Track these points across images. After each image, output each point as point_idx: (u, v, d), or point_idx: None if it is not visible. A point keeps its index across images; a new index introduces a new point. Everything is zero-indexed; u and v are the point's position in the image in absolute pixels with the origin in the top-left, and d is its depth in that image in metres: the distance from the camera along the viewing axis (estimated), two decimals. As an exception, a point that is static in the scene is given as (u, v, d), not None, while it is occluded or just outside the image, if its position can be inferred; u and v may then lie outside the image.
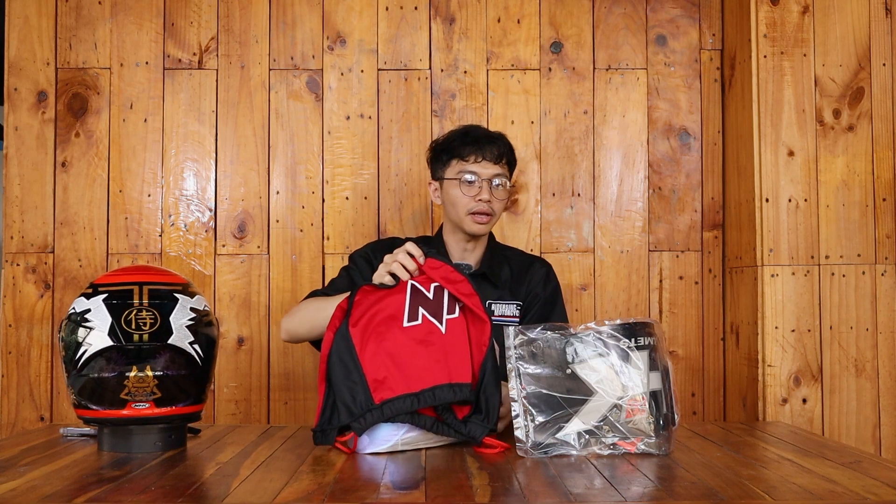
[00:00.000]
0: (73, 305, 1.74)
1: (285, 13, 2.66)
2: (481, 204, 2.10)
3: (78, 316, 1.71)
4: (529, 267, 2.24)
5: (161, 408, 1.71)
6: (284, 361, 2.62)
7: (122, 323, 1.69)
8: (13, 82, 2.63)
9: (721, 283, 2.66)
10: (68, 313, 1.74)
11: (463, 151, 2.12)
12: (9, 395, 2.58)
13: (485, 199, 2.09)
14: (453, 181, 2.12)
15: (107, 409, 1.69)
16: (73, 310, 1.73)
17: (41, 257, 2.61)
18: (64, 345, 1.71)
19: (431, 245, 2.23)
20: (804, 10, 2.42)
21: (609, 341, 1.67)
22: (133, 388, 1.68)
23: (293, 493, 1.39)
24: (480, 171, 2.11)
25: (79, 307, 1.72)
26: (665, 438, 1.67)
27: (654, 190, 2.67)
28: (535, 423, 1.65)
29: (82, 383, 1.69)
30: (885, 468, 1.57)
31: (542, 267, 2.26)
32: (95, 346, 1.68)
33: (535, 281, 2.22)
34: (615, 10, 2.69)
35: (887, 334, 2.39)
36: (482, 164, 2.11)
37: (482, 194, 2.10)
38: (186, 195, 2.64)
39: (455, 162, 2.13)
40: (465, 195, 2.11)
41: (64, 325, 1.73)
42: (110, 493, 1.39)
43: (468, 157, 2.11)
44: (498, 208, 2.14)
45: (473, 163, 2.11)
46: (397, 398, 1.68)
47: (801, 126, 2.41)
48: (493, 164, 2.12)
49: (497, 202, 2.13)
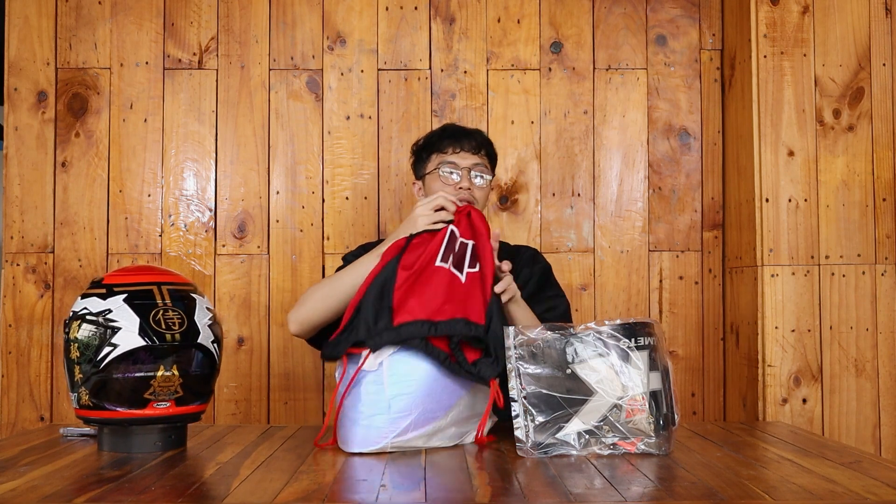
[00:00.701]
0: (85, 305, 1.72)
1: (285, 13, 2.66)
2: (462, 192, 2.10)
3: (97, 315, 1.70)
4: (516, 254, 2.24)
5: (180, 406, 1.73)
6: (284, 361, 2.62)
7: (150, 323, 1.70)
8: (13, 82, 2.63)
9: (721, 283, 2.66)
10: (79, 313, 1.72)
11: (441, 145, 2.14)
12: (9, 395, 2.58)
13: (465, 187, 2.10)
14: (434, 174, 2.13)
15: (126, 408, 1.69)
16: (85, 309, 1.71)
17: (41, 257, 2.61)
18: (79, 345, 1.69)
19: None
20: (804, 10, 2.42)
21: (609, 341, 1.67)
22: (158, 388, 1.69)
23: (293, 493, 1.39)
24: (459, 161, 2.11)
25: (94, 307, 1.71)
26: (665, 438, 1.67)
27: (654, 190, 2.67)
28: (535, 423, 1.65)
29: (102, 383, 1.68)
30: (885, 468, 1.57)
31: (527, 251, 2.26)
32: (124, 346, 1.68)
33: (524, 262, 2.21)
34: (615, 10, 2.69)
35: (887, 334, 2.39)
36: (460, 155, 2.12)
37: (462, 182, 2.10)
38: (186, 195, 2.64)
39: (434, 156, 2.15)
40: (445, 185, 2.12)
41: (76, 326, 1.71)
42: (110, 493, 1.39)
43: (446, 149, 2.13)
44: (480, 197, 2.13)
45: (452, 154, 2.12)
46: (414, 322, 1.72)
47: (801, 126, 2.41)
48: (471, 154, 2.13)
49: (478, 191, 2.13)
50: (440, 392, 1.72)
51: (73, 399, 1.74)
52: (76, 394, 1.72)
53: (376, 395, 1.70)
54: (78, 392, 1.71)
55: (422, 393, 1.70)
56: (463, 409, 1.76)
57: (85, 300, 1.74)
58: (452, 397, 1.74)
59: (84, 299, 1.74)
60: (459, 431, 1.78)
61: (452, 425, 1.76)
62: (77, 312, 1.73)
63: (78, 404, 1.73)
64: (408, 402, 1.69)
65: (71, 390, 1.73)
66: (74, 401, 1.74)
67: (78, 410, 1.74)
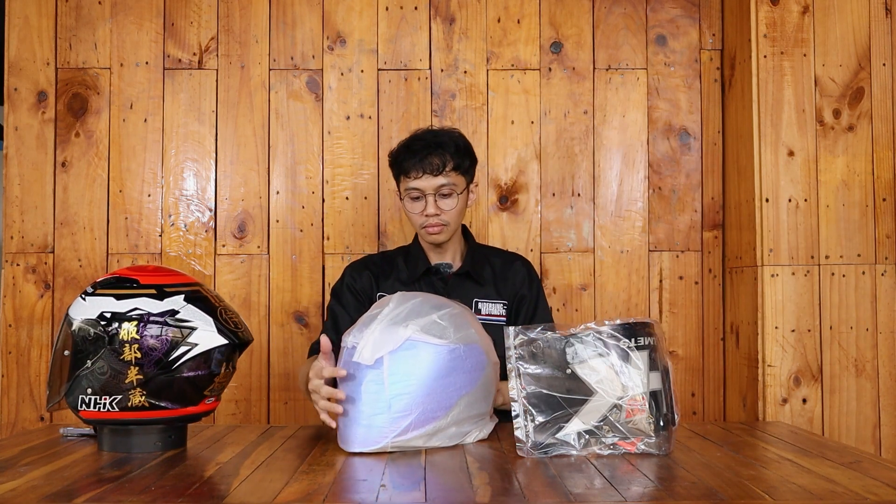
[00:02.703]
0: (139, 307, 1.67)
1: (285, 13, 2.66)
2: (430, 218, 2.11)
3: (166, 316, 1.68)
4: (511, 266, 2.25)
5: (216, 402, 1.79)
6: (284, 361, 2.62)
7: (221, 321, 1.73)
8: (13, 82, 2.63)
9: (721, 283, 2.66)
10: (131, 315, 1.67)
11: (406, 167, 2.12)
12: (9, 395, 2.58)
13: (431, 213, 2.11)
14: (405, 197, 2.15)
15: (180, 406, 1.71)
16: (137, 310, 1.67)
17: (41, 257, 2.61)
18: (140, 346, 1.66)
19: (408, 253, 2.24)
20: (804, 10, 2.42)
21: (609, 341, 1.67)
22: (217, 385, 1.74)
23: (293, 493, 1.39)
24: (423, 185, 2.11)
25: (155, 308, 1.68)
26: (665, 438, 1.67)
27: (654, 190, 2.67)
28: (535, 423, 1.65)
29: (168, 383, 1.68)
30: (885, 468, 1.57)
31: (522, 266, 2.27)
32: (204, 345, 1.69)
33: (519, 281, 2.23)
34: (615, 10, 2.69)
35: (887, 334, 2.39)
36: (423, 179, 2.10)
37: (428, 208, 2.11)
38: (186, 195, 2.64)
39: (403, 178, 2.15)
40: (413, 211, 2.14)
41: (133, 328, 1.66)
42: (110, 493, 1.39)
43: (410, 172, 2.12)
44: (452, 217, 2.14)
45: (415, 178, 2.11)
46: None
47: (801, 126, 2.41)
48: (434, 175, 2.10)
49: (448, 212, 2.13)
50: (440, 392, 1.72)
51: (104, 403, 1.68)
52: (120, 396, 1.67)
53: (376, 394, 1.70)
54: (126, 394, 1.67)
55: (422, 393, 1.70)
56: (464, 408, 1.76)
57: (136, 301, 1.69)
58: (453, 397, 1.74)
59: (127, 300, 1.69)
60: (460, 431, 1.78)
61: (453, 425, 1.75)
62: (125, 314, 1.67)
63: (116, 407, 1.68)
64: (408, 401, 1.69)
65: (107, 394, 1.67)
66: (108, 404, 1.68)
67: (115, 413, 1.68)
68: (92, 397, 1.68)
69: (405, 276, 2.20)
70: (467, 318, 1.83)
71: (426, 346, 1.72)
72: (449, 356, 1.73)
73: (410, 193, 2.12)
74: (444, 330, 1.74)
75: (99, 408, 1.69)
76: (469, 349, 1.76)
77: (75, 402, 1.70)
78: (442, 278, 2.20)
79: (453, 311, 1.80)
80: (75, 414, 1.73)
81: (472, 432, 1.80)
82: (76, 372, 1.68)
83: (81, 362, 1.68)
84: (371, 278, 2.21)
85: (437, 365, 1.72)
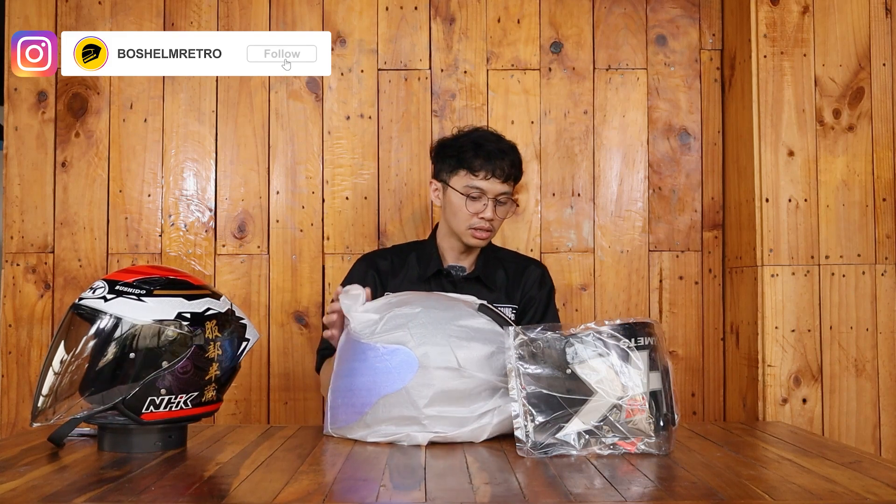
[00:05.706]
0: (210, 306, 1.72)
1: (285, 13, 2.66)
2: (483, 221, 2.09)
3: (227, 315, 1.76)
4: (525, 269, 2.24)
5: (220, 402, 1.84)
6: (284, 361, 2.62)
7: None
8: (13, 82, 2.63)
9: (721, 283, 2.66)
10: (208, 314, 1.71)
11: (474, 164, 2.08)
12: (9, 395, 2.58)
13: (488, 218, 2.09)
14: (459, 192, 2.11)
15: (219, 401, 1.79)
16: (210, 310, 1.72)
17: (41, 257, 2.61)
18: (220, 343, 1.73)
19: (423, 251, 2.23)
20: (804, 10, 2.42)
21: (609, 341, 1.67)
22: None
23: (293, 493, 1.39)
24: (489, 188, 2.09)
25: (220, 307, 1.75)
26: (665, 438, 1.67)
27: (654, 190, 2.67)
28: (535, 423, 1.65)
29: (230, 376, 1.79)
30: (885, 468, 1.57)
31: (537, 269, 2.27)
32: (253, 339, 1.83)
33: (531, 283, 2.22)
34: (615, 10, 2.69)
35: (887, 334, 2.39)
36: (491, 182, 2.08)
37: (486, 212, 2.09)
38: (186, 195, 2.64)
39: (464, 173, 2.10)
40: (468, 210, 2.10)
41: (212, 326, 1.71)
42: (110, 493, 1.39)
43: (478, 171, 2.08)
44: (498, 225, 2.15)
45: (482, 179, 2.08)
46: None
47: (801, 126, 2.41)
48: (501, 182, 2.09)
49: (499, 220, 2.13)
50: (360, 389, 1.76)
51: (179, 402, 1.69)
52: (196, 393, 1.70)
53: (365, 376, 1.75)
54: (202, 390, 1.72)
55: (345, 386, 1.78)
56: (382, 409, 1.75)
57: (200, 301, 1.72)
58: (372, 396, 1.74)
59: (197, 300, 1.71)
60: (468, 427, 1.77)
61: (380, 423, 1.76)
62: (202, 314, 1.71)
63: (191, 404, 1.70)
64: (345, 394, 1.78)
65: (184, 392, 1.68)
66: (183, 403, 1.69)
67: (187, 411, 1.70)
68: (166, 397, 1.67)
69: (416, 274, 2.20)
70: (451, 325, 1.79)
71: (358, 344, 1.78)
72: (371, 354, 1.75)
73: (471, 192, 2.08)
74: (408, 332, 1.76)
75: (171, 407, 1.69)
76: (394, 351, 1.74)
77: (139, 404, 1.66)
78: (452, 281, 2.20)
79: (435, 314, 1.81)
80: (132, 418, 1.66)
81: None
82: (147, 374, 1.65)
83: (155, 364, 1.66)
84: (376, 279, 2.20)
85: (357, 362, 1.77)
